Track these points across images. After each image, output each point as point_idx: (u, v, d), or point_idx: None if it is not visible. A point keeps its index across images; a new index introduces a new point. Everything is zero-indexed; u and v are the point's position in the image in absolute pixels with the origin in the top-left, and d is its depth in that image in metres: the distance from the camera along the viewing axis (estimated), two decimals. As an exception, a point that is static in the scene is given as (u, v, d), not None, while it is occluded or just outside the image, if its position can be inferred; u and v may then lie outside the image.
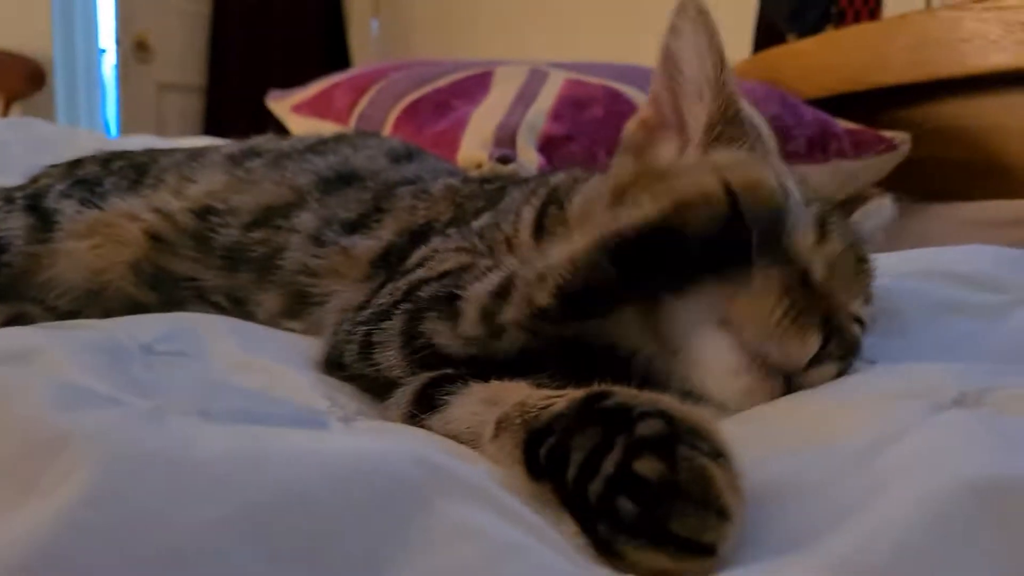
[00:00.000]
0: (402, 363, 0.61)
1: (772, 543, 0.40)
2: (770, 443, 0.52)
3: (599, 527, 0.38)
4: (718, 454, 0.39)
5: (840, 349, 0.57)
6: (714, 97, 0.64)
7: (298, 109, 1.69)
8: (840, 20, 1.92)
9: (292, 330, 0.85)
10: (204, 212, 0.88)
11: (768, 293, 0.55)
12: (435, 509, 0.38)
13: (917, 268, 0.98)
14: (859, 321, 0.64)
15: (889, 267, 1.01)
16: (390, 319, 0.63)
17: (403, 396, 0.61)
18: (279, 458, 0.37)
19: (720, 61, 0.64)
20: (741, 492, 0.39)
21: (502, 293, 0.55)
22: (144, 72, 3.44)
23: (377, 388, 0.64)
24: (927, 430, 0.47)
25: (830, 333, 0.56)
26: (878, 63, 1.60)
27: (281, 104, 1.77)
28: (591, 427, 0.41)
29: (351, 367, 0.66)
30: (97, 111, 3.39)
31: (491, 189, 0.86)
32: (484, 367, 0.57)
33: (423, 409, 0.58)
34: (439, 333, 0.59)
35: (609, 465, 0.38)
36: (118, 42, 3.39)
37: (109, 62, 3.50)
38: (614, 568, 0.38)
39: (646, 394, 0.43)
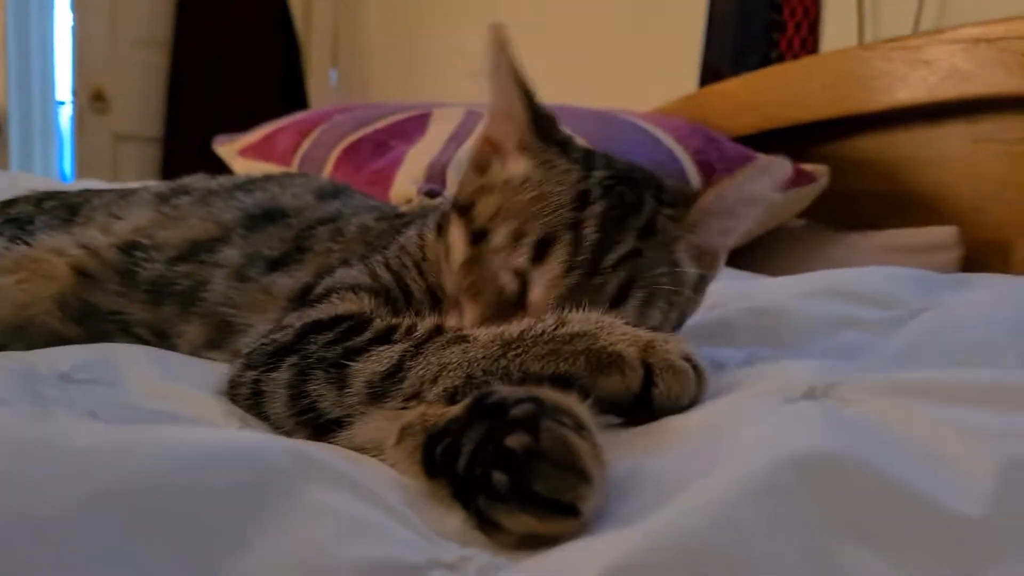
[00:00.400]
0: (288, 420, 0.62)
1: (607, 525, 0.44)
2: (623, 440, 0.55)
3: (479, 502, 0.42)
4: (581, 427, 0.44)
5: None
6: (522, 117, 0.72)
7: (244, 153, 1.73)
8: (780, 61, 2.01)
9: (214, 360, 0.87)
10: (130, 248, 0.91)
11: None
12: (299, 493, 0.41)
13: (815, 288, 1.04)
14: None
15: (787, 287, 1.07)
16: (277, 370, 0.64)
17: (305, 429, 0.63)
18: (150, 446, 0.40)
19: (524, 87, 0.72)
20: (602, 460, 0.44)
21: (393, 378, 0.57)
22: (101, 123, 3.47)
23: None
24: (770, 419, 0.51)
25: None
26: (798, 101, 1.69)
27: (228, 149, 1.81)
28: (478, 422, 0.45)
29: (243, 407, 0.67)
30: (53, 161, 3.40)
31: (399, 224, 0.90)
32: None
33: (328, 432, 0.60)
34: (324, 398, 0.59)
35: (486, 446, 0.43)
36: (74, 93, 3.43)
37: (66, 112, 3.53)
38: (495, 542, 0.42)
39: (525, 387, 0.48)
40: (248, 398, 0.66)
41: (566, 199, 0.68)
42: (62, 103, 3.53)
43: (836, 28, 1.97)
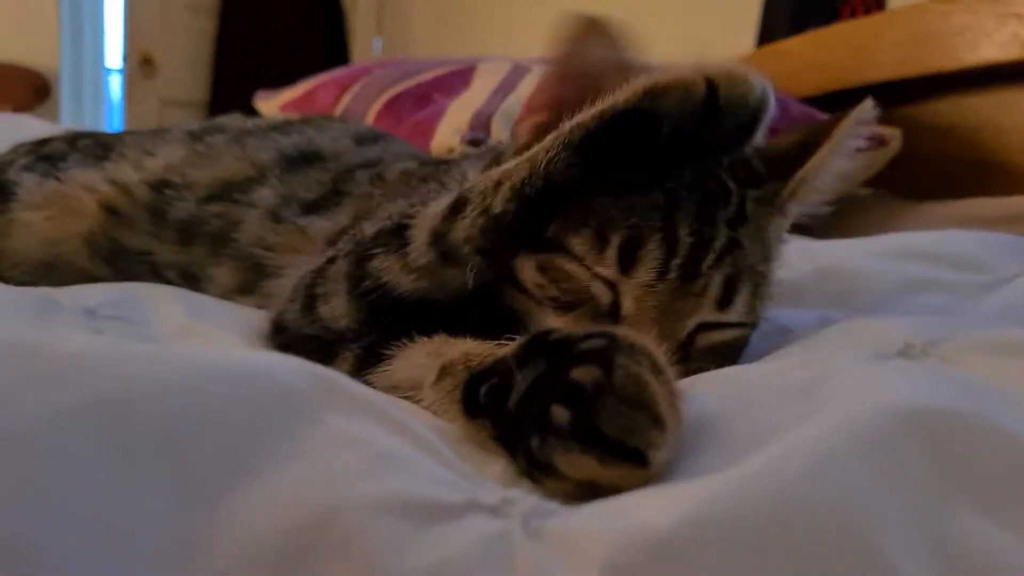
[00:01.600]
0: (349, 310, 0.58)
1: (696, 468, 0.38)
2: (710, 383, 0.49)
3: (532, 442, 0.36)
4: (658, 370, 0.37)
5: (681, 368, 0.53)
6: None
7: (285, 108, 1.69)
8: (846, 4, 1.90)
9: (246, 305, 0.83)
10: (161, 185, 0.87)
11: None
12: (318, 419, 0.35)
13: (888, 249, 0.94)
14: (719, 325, 0.58)
15: (857, 248, 0.98)
16: (334, 264, 0.61)
17: (348, 355, 0.59)
18: (147, 355, 0.34)
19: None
20: (678, 409, 0.37)
21: (455, 210, 0.53)
22: (149, 87, 3.47)
23: (319, 353, 0.62)
24: (865, 372, 0.44)
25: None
26: (867, 60, 1.58)
27: (269, 104, 1.77)
28: (536, 359, 0.39)
29: (291, 327, 0.63)
30: (101, 125, 3.42)
31: (445, 168, 0.84)
32: (430, 318, 0.55)
33: (367, 366, 0.55)
34: (388, 269, 0.55)
35: (546, 380, 0.37)
36: (125, 58, 3.44)
37: (115, 78, 3.54)
38: (546, 489, 0.36)
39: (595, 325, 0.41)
40: (300, 309, 0.62)
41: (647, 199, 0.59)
42: (112, 70, 3.55)
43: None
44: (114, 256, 0.86)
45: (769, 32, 2.11)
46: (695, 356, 0.56)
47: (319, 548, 0.29)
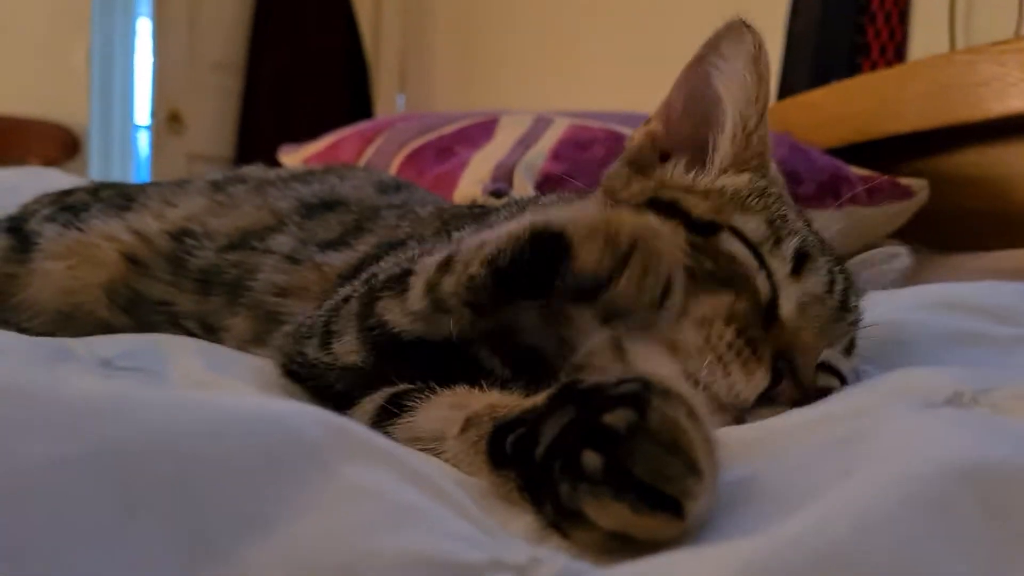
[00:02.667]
0: (358, 347, 0.59)
1: (734, 525, 0.35)
2: (746, 433, 0.47)
3: (561, 489, 0.34)
4: (695, 416, 0.35)
5: (796, 392, 0.52)
6: (746, 144, 0.61)
7: (309, 161, 1.70)
8: (866, 58, 1.89)
9: (262, 356, 0.81)
10: (181, 234, 0.87)
11: (714, 318, 0.52)
12: (334, 470, 0.33)
13: (931, 301, 0.92)
14: (832, 370, 0.58)
15: (901, 301, 0.95)
16: (348, 304, 0.62)
17: (368, 405, 0.57)
18: (155, 403, 0.33)
19: (765, 107, 0.60)
20: (716, 458, 0.35)
21: (446, 265, 0.53)
22: (176, 143, 3.55)
23: (336, 399, 0.60)
24: (915, 423, 0.41)
25: (783, 371, 0.52)
26: (890, 111, 1.57)
27: (293, 157, 1.79)
28: (565, 406, 0.37)
29: (311, 359, 0.63)
30: (129, 180, 3.49)
31: (478, 212, 0.83)
32: (442, 370, 0.54)
33: (388, 416, 0.54)
34: (389, 310, 0.56)
35: (576, 426, 0.35)
36: (152, 114, 3.52)
37: (143, 133, 3.63)
38: (575, 543, 0.34)
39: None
40: (319, 343, 0.62)
41: (802, 224, 0.60)
42: (140, 127, 3.64)
43: (924, 51, 1.84)
44: (133, 306, 0.86)
45: (789, 86, 2.12)
46: (811, 395, 0.53)
47: (332, 610, 0.27)
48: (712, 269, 0.54)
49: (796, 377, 0.52)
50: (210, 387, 0.67)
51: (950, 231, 1.52)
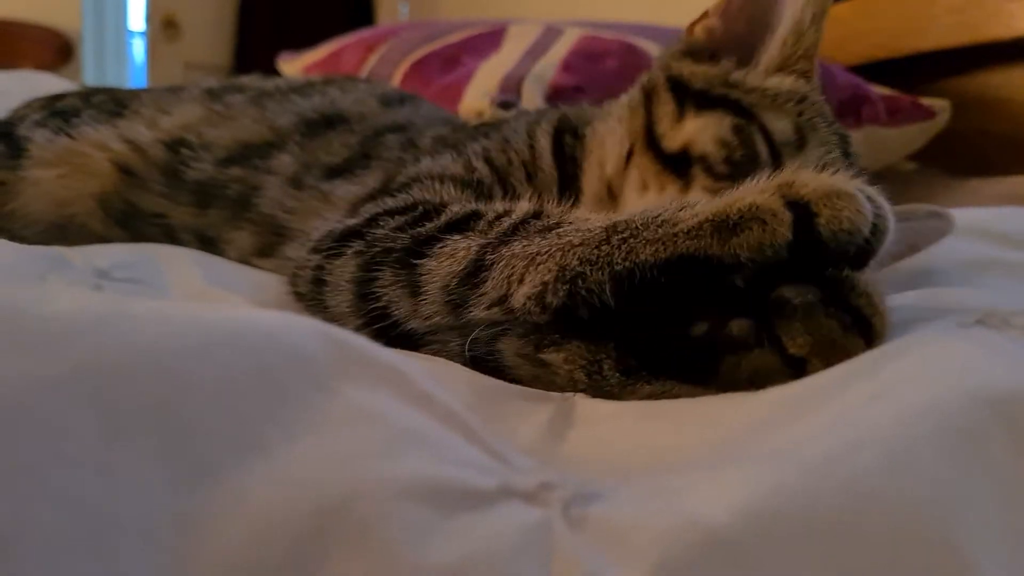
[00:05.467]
0: (354, 318, 0.53)
1: (766, 442, 0.34)
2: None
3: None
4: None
5: None
6: (795, 48, 0.63)
7: (309, 70, 1.64)
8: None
9: (264, 269, 0.79)
10: (176, 144, 0.84)
11: None
12: (334, 389, 0.31)
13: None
14: None
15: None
16: (342, 256, 0.55)
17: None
18: (143, 317, 0.31)
19: (822, 13, 0.63)
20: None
21: (472, 277, 0.45)
22: (172, 51, 3.44)
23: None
24: (945, 343, 0.39)
25: None
26: (916, 27, 1.50)
27: (292, 66, 1.73)
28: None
29: (305, 298, 0.59)
30: (124, 86, 3.39)
31: (486, 130, 0.80)
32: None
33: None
34: (397, 304, 0.49)
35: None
36: (147, 20, 3.40)
37: (138, 42, 3.51)
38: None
39: None
40: (309, 287, 0.57)
41: (836, 138, 0.63)
42: (135, 33, 3.52)
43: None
44: (128, 219, 0.83)
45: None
46: None
47: (334, 537, 0.26)
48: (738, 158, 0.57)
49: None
50: (209, 299, 0.65)
51: (970, 154, 1.48)
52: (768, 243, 0.39)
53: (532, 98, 1.13)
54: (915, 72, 1.54)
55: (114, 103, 0.91)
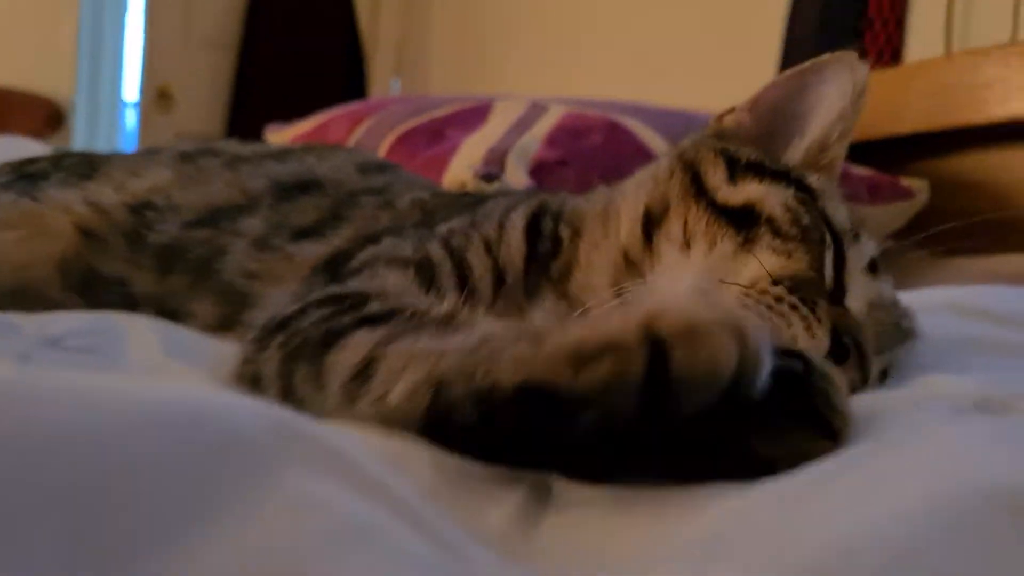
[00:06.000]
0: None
1: (755, 540, 0.31)
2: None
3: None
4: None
5: (859, 378, 0.53)
6: (818, 157, 0.64)
7: (297, 141, 1.65)
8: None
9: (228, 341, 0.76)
10: (142, 207, 0.81)
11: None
12: (276, 478, 0.28)
13: (938, 303, 0.88)
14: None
15: (908, 303, 0.92)
16: (267, 349, 0.52)
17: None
18: (72, 393, 0.28)
19: (848, 132, 0.65)
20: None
21: (364, 372, 0.42)
22: (165, 121, 3.47)
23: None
24: (942, 431, 0.37)
25: (849, 349, 0.52)
26: (893, 111, 1.53)
27: (280, 136, 1.74)
28: None
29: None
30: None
31: (467, 201, 0.78)
32: None
33: None
34: (311, 402, 0.46)
35: None
36: (141, 91, 3.44)
37: (131, 112, 3.55)
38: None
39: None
40: (247, 384, 0.54)
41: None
42: (129, 104, 3.56)
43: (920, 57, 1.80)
44: (87, 285, 0.80)
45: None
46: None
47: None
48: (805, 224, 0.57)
49: (862, 362, 0.53)
50: (164, 374, 0.62)
51: (950, 235, 1.49)
52: (615, 382, 0.34)
53: (515, 171, 1.12)
54: (894, 153, 1.57)
55: (86, 166, 0.89)
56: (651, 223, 0.61)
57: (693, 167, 0.62)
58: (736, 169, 0.61)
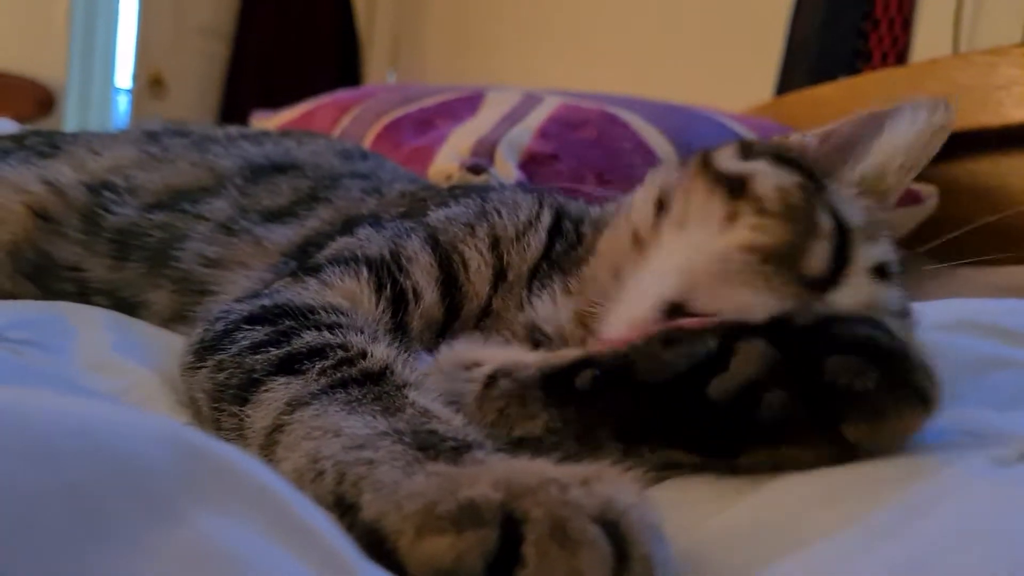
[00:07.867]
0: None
1: None
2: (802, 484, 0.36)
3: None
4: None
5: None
6: (876, 186, 0.63)
7: (282, 128, 1.59)
8: (867, 63, 1.82)
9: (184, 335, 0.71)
10: (100, 187, 0.76)
11: None
12: (180, 516, 0.23)
13: (954, 320, 0.83)
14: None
15: (923, 318, 0.87)
16: (199, 373, 0.49)
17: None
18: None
19: (909, 171, 0.64)
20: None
21: (271, 436, 0.40)
22: (156, 108, 3.41)
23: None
24: (987, 488, 0.32)
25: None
26: (903, 112, 1.48)
27: (267, 124, 1.68)
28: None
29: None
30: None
31: (458, 192, 0.73)
32: None
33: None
34: (240, 446, 0.43)
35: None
36: (134, 77, 3.38)
37: (123, 99, 3.49)
38: None
39: None
40: (188, 401, 0.51)
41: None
42: (121, 90, 3.50)
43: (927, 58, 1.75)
44: (39, 272, 0.75)
45: (788, 81, 2.03)
46: None
47: None
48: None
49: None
50: (110, 371, 0.57)
51: (959, 242, 1.44)
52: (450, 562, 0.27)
53: (504, 163, 1.07)
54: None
55: (48, 145, 0.84)
56: (663, 207, 0.59)
57: (708, 152, 0.61)
58: (750, 153, 0.59)
